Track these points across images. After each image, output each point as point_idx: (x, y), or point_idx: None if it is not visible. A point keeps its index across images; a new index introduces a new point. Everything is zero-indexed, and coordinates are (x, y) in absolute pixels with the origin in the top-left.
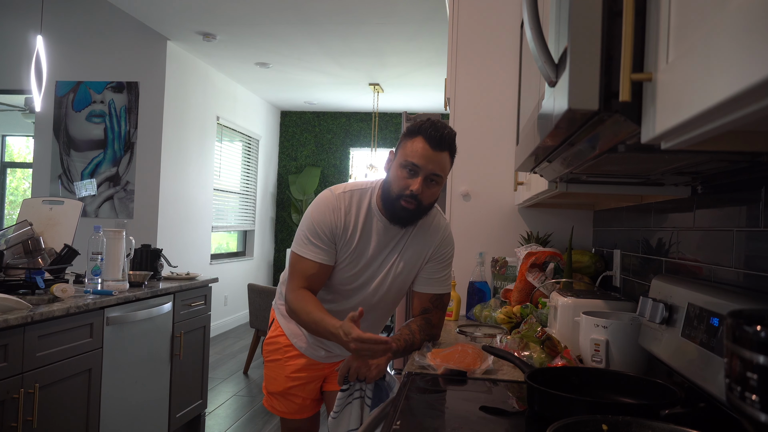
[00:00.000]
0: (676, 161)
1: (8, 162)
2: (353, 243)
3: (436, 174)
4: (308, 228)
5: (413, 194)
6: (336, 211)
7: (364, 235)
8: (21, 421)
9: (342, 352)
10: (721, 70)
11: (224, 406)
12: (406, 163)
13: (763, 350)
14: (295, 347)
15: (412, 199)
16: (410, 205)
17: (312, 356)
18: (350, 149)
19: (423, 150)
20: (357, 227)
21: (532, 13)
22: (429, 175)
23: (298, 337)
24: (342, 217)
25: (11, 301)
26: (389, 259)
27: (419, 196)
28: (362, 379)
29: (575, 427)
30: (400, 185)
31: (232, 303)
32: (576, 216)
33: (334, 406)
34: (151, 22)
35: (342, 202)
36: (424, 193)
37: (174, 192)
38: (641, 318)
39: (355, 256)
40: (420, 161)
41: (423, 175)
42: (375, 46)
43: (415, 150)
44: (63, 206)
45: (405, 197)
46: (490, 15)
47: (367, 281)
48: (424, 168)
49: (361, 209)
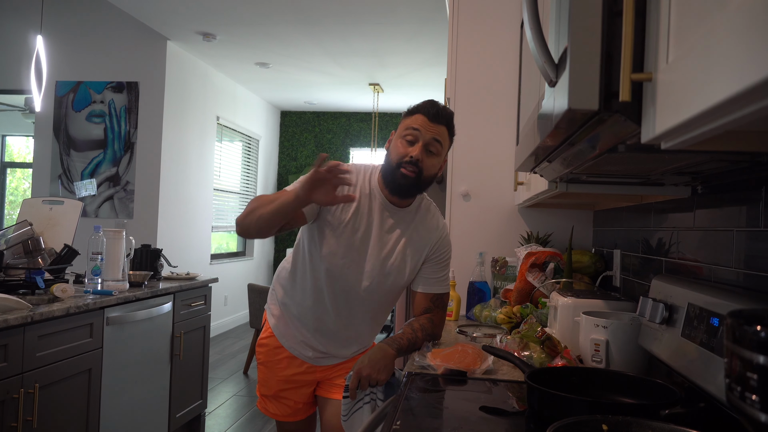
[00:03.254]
0: (676, 161)
1: (8, 162)
2: (347, 214)
3: (435, 140)
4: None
5: (413, 160)
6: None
7: (361, 209)
8: (21, 421)
9: (328, 351)
10: (721, 70)
11: (224, 406)
12: (405, 133)
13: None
14: (285, 348)
15: (412, 166)
16: (411, 172)
17: (300, 356)
18: (350, 149)
19: (422, 121)
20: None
21: (532, 13)
22: (428, 142)
23: (287, 337)
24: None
25: (11, 301)
26: (386, 244)
27: (419, 162)
28: (373, 385)
29: (575, 427)
30: (399, 153)
31: (232, 303)
32: (576, 216)
33: (342, 410)
34: (151, 22)
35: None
36: (425, 161)
37: (174, 192)
38: (641, 318)
39: (347, 228)
40: (420, 127)
41: (423, 142)
42: (375, 46)
43: (415, 121)
44: (63, 206)
45: (404, 164)
46: (490, 15)
47: (359, 259)
48: (423, 135)
49: (363, 182)
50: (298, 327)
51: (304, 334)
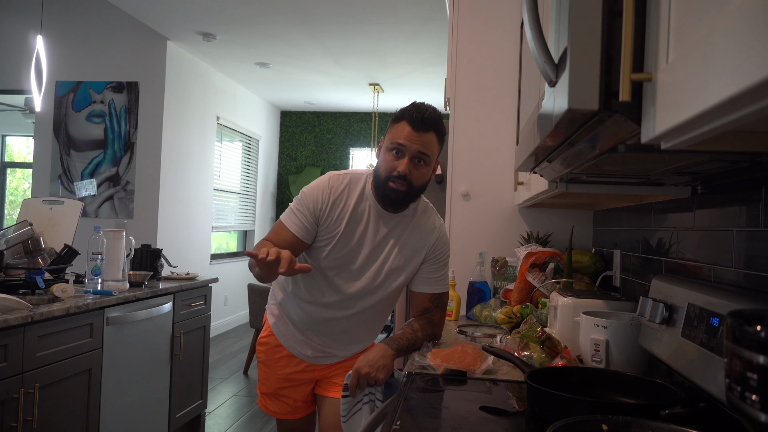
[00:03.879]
0: (676, 161)
1: (8, 162)
2: (341, 225)
3: (422, 152)
4: (295, 201)
5: (401, 175)
6: (325, 190)
7: (354, 218)
8: (21, 421)
9: (328, 351)
10: (721, 70)
11: (224, 406)
12: (392, 146)
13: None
14: (284, 347)
15: (400, 180)
16: (400, 186)
17: (300, 355)
18: (350, 149)
19: (408, 132)
20: (346, 210)
21: (532, 13)
22: (415, 155)
23: (286, 336)
24: (329, 197)
25: (11, 301)
26: (383, 247)
27: (408, 176)
28: (372, 384)
29: (575, 427)
30: (387, 167)
31: (232, 303)
32: (576, 216)
33: (341, 410)
34: (151, 22)
35: (336, 183)
36: (413, 173)
37: (174, 192)
38: (641, 318)
39: (342, 238)
40: (405, 142)
41: (409, 155)
42: (375, 46)
43: (400, 133)
44: (63, 206)
45: (393, 179)
46: (490, 15)
47: (357, 267)
48: (409, 148)
49: (354, 193)
50: (298, 327)
51: (304, 334)
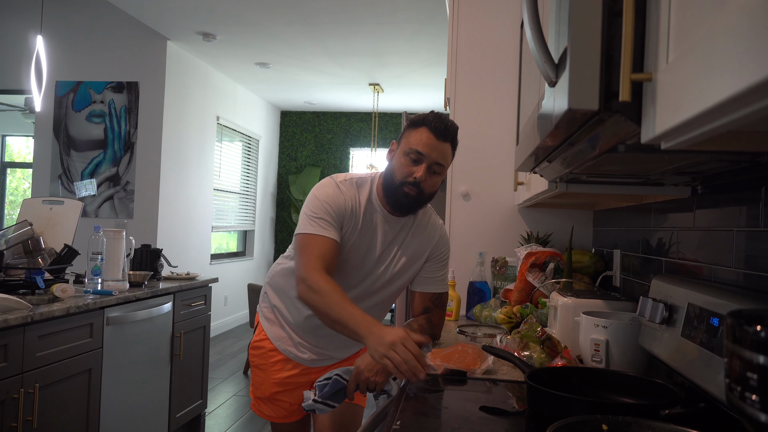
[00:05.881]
0: (676, 161)
1: (8, 162)
2: (357, 230)
3: (438, 163)
4: (315, 207)
5: (416, 181)
6: (342, 194)
7: (366, 223)
8: (21, 421)
9: (327, 353)
10: (721, 70)
11: (224, 406)
12: (410, 151)
13: (763, 350)
14: (279, 351)
15: (414, 187)
16: (412, 191)
17: (296, 359)
18: (350, 149)
19: (427, 139)
20: (359, 215)
21: (532, 13)
22: (432, 164)
23: (282, 340)
24: (349, 200)
25: (11, 301)
26: (389, 253)
27: (422, 183)
28: (372, 389)
29: (575, 427)
30: (403, 172)
31: (232, 303)
32: (576, 216)
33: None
34: (151, 22)
35: (345, 188)
36: (427, 181)
37: (174, 192)
38: (641, 318)
39: (358, 244)
40: (424, 149)
41: (427, 164)
42: (375, 46)
43: (420, 139)
44: (63, 206)
45: (408, 184)
46: (490, 15)
47: (368, 272)
48: (428, 156)
49: (362, 198)
50: (294, 330)
51: (301, 337)
